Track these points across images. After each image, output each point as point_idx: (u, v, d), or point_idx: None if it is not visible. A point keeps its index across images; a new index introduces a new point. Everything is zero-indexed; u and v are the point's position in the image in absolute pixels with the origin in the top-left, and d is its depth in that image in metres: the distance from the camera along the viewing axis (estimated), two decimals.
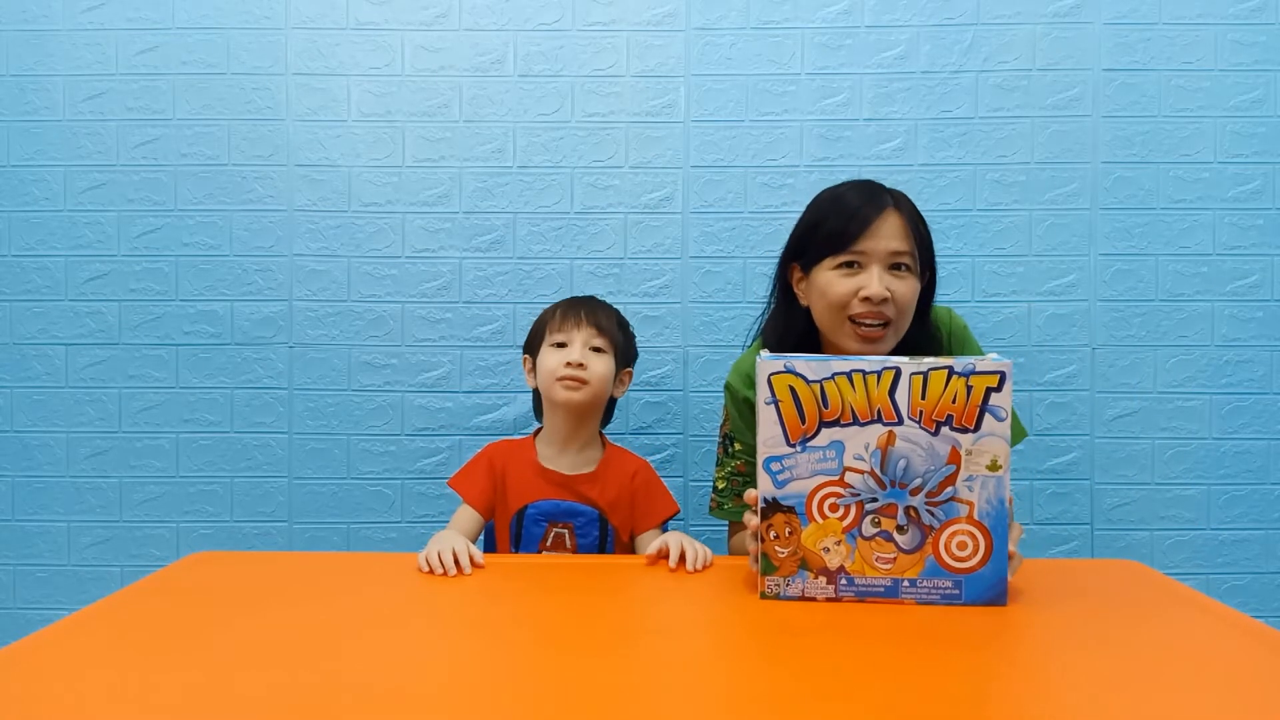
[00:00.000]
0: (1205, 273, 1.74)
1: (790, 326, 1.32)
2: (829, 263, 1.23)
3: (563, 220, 1.78)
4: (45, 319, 1.79)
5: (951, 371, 0.99)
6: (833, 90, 1.76)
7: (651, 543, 1.30)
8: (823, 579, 1.02)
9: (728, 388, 1.38)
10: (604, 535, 1.43)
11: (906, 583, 1.01)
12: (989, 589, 1.00)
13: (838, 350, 1.26)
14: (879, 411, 1.00)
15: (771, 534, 1.02)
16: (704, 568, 1.17)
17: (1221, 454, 1.75)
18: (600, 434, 1.51)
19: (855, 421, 1.00)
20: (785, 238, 1.58)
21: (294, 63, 1.77)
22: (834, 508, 1.01)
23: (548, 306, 1.51)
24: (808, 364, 1.01)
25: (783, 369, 1.01)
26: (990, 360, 0.99)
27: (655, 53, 1.76)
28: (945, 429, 0.99)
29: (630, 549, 1.47)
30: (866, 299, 1.20)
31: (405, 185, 1.78)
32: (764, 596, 1.03)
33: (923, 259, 1.25)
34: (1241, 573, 1.75)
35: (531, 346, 1.50)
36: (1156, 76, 1.73)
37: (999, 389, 0.98)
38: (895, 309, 1.21)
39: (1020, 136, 1.74)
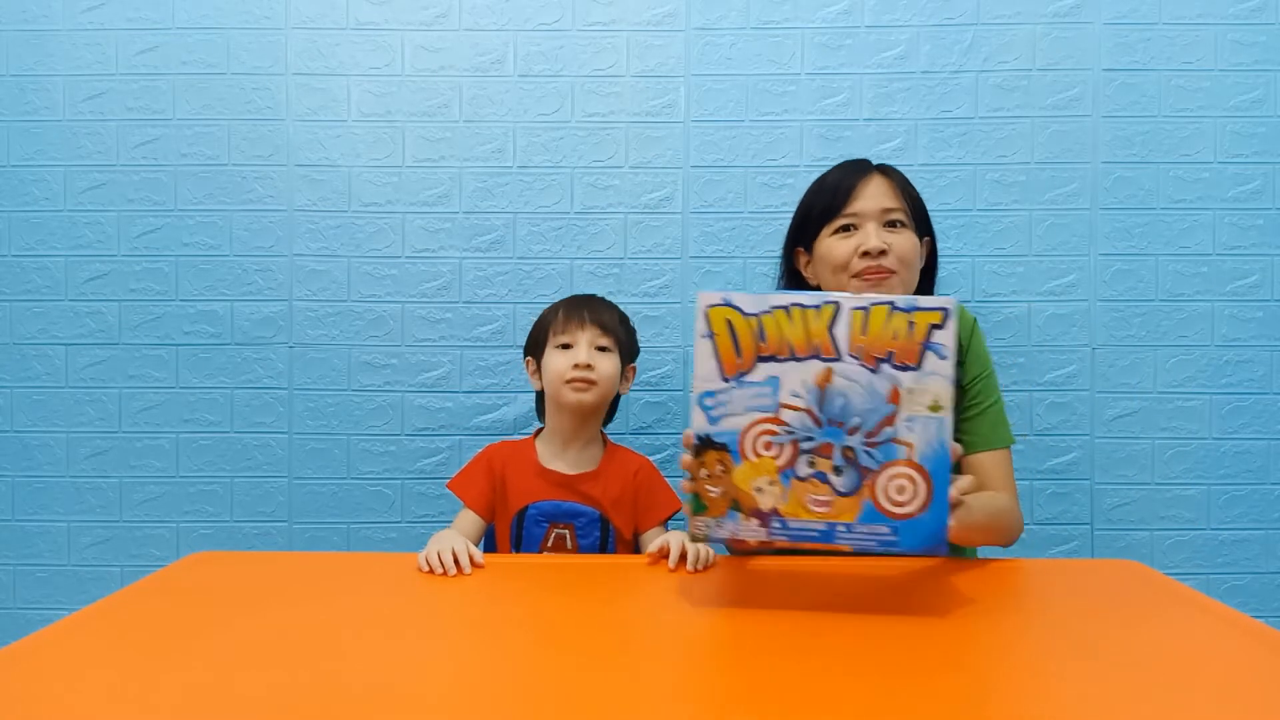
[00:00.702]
0: (1205, 273, 1.74)
1: None
2: (826, 231, 1.30)
3: (563, 220, 1.78)
4: (45, 319, 1.79)
5: (894, 307, 0.95)
6: (833, 90, 1.76)
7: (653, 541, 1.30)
8: (754, 520, 0.97)
9: None
10: (605, 536, 1.43)
11: (842, 527, 0.96)
12: (929, 537, 0.94)
13: None
14: (818, 347, 0.96)
15: (703, 472, 0.98)
16: (705, 568, 1.17)
17: (1221, 454, 1.75)
18: (601, 432, 1.51)
19: (793, 357, 0.96)
20: (785, 238, 1.57)
21: (294, 63, 1.77)
22: (768, 446, 0.96)
23: (548, 307, 1.51)
24: (746, 297, 0.98)
25: (720, 302, 0.97)
26: (934, 297, 0.96)
27: (655, 53, 1.76)
28: (886, 366, 0.95)
29: (632, 548, 1.47)
30: (866, 253, 1.25)
31: (405, 185, 1.78)
32: (694, 538, 1.00)
33: (919, 222, 1.31)
34: (1241, 573, 1.75)
35: (533, 348, 1.50)
36: (1156, 76, 1.73)
37: (942, 326, 0.94)
38: (896, 260, 1.26)
39: (1020, 136, 1.74)
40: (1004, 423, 1.35)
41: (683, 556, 1.18)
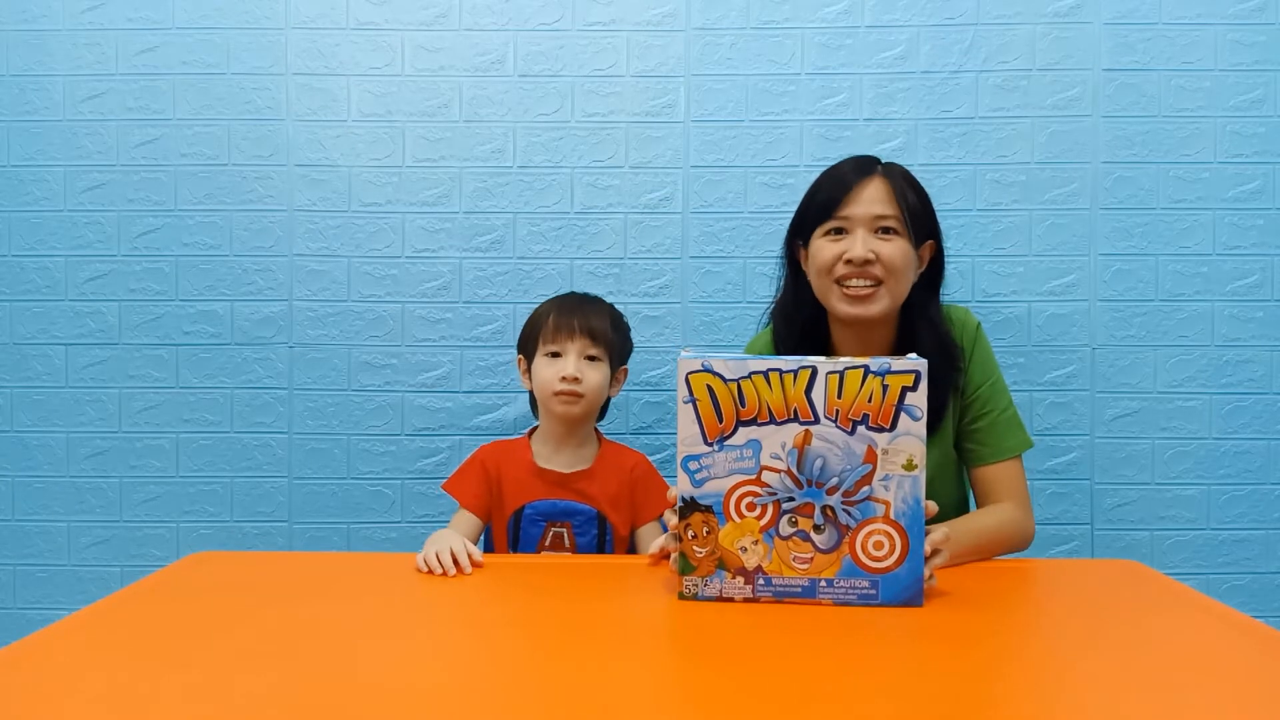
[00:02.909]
0: (1205, 273, 1.74)
1: (798, 301, 1.36)
2: (819, 231, 1.28)
3: (563, 220, 1.78)
4: (45, 319, 1.79)
5: (867, 370, 0.99)
6: (833, 90, 1.76)
7: (651, 538, 1.30)
8: (740, 579, 1.02)
9: None
10: (602, 534, 1.43)
11: (824, 582, 1.01)
12: (905, 589, 1.00)
13: (834, 316, 1.31)
14: (795, 410, 1.00)
15: (689, 533, 1.02)
16: None
17: (1221, 454, 1.75)
18: (595, 429, 1.51)
19: (772, 420, 1.00)
20: (785, 238, 1.60)
21: (294, 63, 1.77)
22: (751, 507, 1.01)
23: (541, 305, 1.50)
24: (725, 363, 1.01)
25: (700, 368, 1.01)
26: (906, 360, 0.99)
27: (655, 53, 1.76)
28: (861, 428, 0.99)
29: (628, 545, 1.47)
30: (849, 261, 1.24)
31: (405, 185, 1.78)
32: (682, 597, 1.03)
33: (918, 227, 1.28)
34: (1241, 573, 1.75)
35: (525, 347, 1.50)
36: (1156, 76, 1.73)
37: (914, 388, 0.99)
38: (884, 269, 1.24)
39: (1020, 136, 1.74)
40: (1016, 429, 1.33)
41: None
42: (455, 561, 1.15)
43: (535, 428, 1.51)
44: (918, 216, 1.28)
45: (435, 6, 1.77)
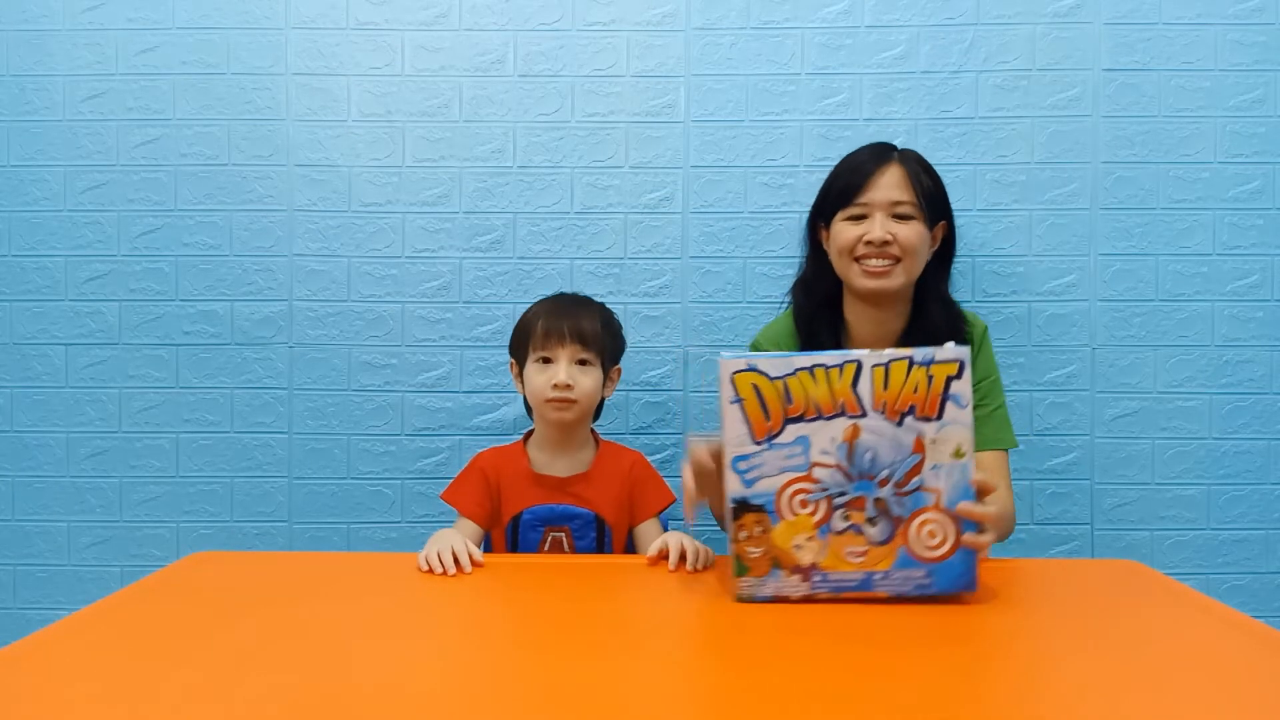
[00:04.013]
0: (1205, 273, 1.74)
1: (818, 277, 1.45)
2: (840, 215, 1.38)
3: (563, 220, 1.78)
4: (45, 319, 1.79)
5: (912, 362, 1.00)
6: (833, 90, 1.76)
7: (652, 538, 1.30)
8: (796, 577, 1.01)
9: (755, 346, 1.48)
10: (601, 537, 1.43)
11: (879, 575, 1.00)
12: (959, 577, 1.00)
13: (853, 292, 1.39)
14: (843, 405, 1.00)
15: (742, 534, 1.01)
16: (705, 567, 1.17)
17: (1221, 454, 1.75)
18: (592, 431, 1.51)
19: (820, 416, 1.00)
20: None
21: (294, 63, 1.77)
22: (804, 504, 1.01)
23: (531, 306, 1.49)
24: (770, 361, 1.01)
25: (745, 367, 1.01)
26: (949, 349, 1.00)
27: (655, 53, 1.76)
28: (909, 419, 0.99)
29: (625, 548, 1.47)
30: (869, 242, 1.34)
31: (405, 185, 1.78)
32: (739, 599, 1.02)
33: (932, 209, 1.37)
34: (1241, 573, 1.75)
35: (516, 351, 1.49)
36: (1156, 76, 1.73)
37: (958, 376, 0.99)
38: (901, 249, 1.33)
39: (1020, 136, 1.74)
40: (1007, 426, 1.40)
41: (683, 556, 1.18)
42: (456, 561, 1.15)
43: (531, 431, 1.50)
44: (931, 200, 1.37)
45: (435, 6, 1.77)
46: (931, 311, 1.39)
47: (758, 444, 1.01)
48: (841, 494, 1.00)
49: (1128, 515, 1.76)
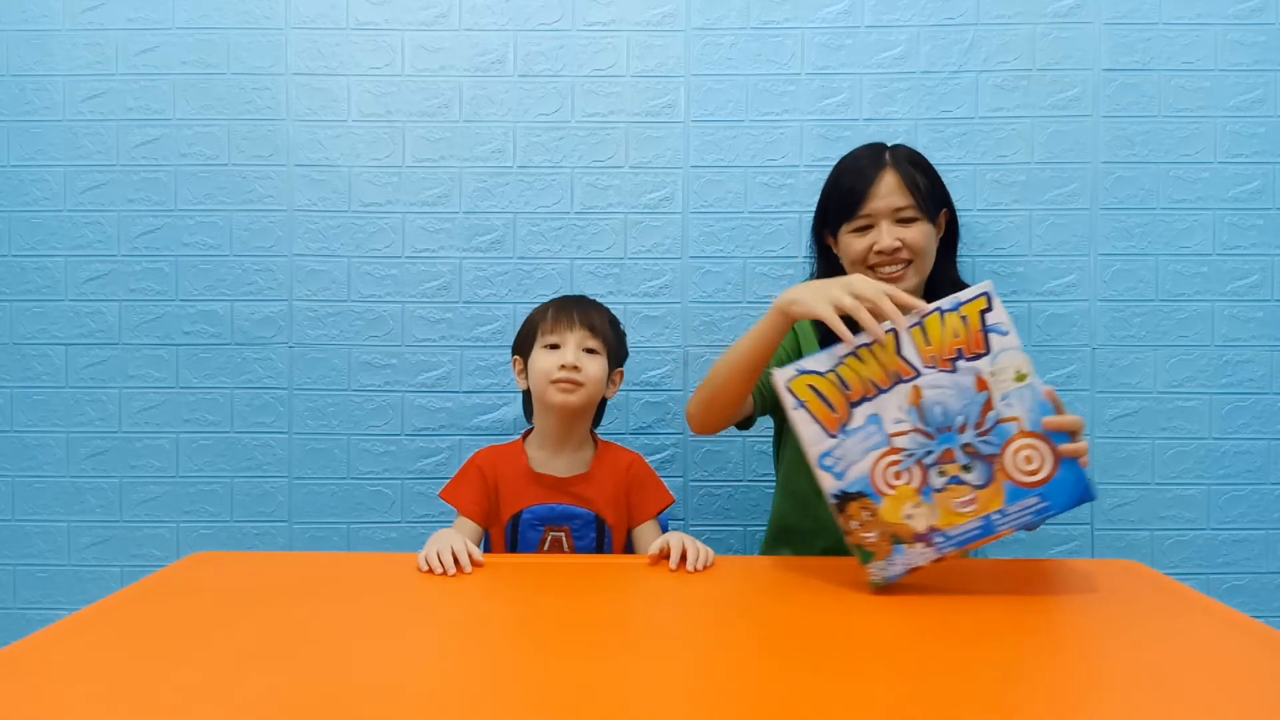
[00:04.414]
0: (1205, 273, 1.74)
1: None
2: (846, 228, 1.43)
3: (563, 220, 1.78)
4: (45, 319, 1.79)
5: (941, 311, 1.03)
6: (833, 90, 1.76)
7: (651, 539, 1.30)
8: (919, 545, 1.02)
9: None
10: (600, 537, 1.43)
11: (996, 515, 1.01)
12: (1073, 489, 1.01)
13: None
14: (896, 373, 1.03)
15: (852, 524, 1.03)
16: (705, 567, 1.17)
17: (1221, 454, 1.75)
18: (591, 433, 1.51)
19: (880, 391, 1.03)
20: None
21: (294, 63, 1.77)
22: (897, 475, 1.03)
23: (537, 306, 1.50)
24: (814, 359, 1.05)
25: (796, 373, 1.05)
26: (970, 288, 1.04)
27: (655, 53, 1.76)
28: (961, 363, 1.02)
29: (624, 547, 1.47)
30: (880, 251, 1.39)
31: (405, 185, 1.78)
32: (874, 585, 1.04)
33: (933, 204, 1.42)
34: (1241, 573, 1.75)
35: (521, 347, 1.49)
36: (1156, 76, 1.73)
37: (990, 309, 1.02)
38: (910, 251, 1.39)
39: (1020, 136, 1.74)
40: None
41: (683, 556, 1.18)
42: (456, 561, 1.15)
43: (529, 431, 1.50)
44: (930, 196, 1.42)
45: (435, 6, 1.77)
46: (942, 295, 1.42)
47: (833, 436, 1.04)
48: (928, 453, 1.02)
49: (1128, 515, 1.76)
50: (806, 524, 1.48)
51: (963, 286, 1.47)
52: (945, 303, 1.03)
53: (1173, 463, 1.75)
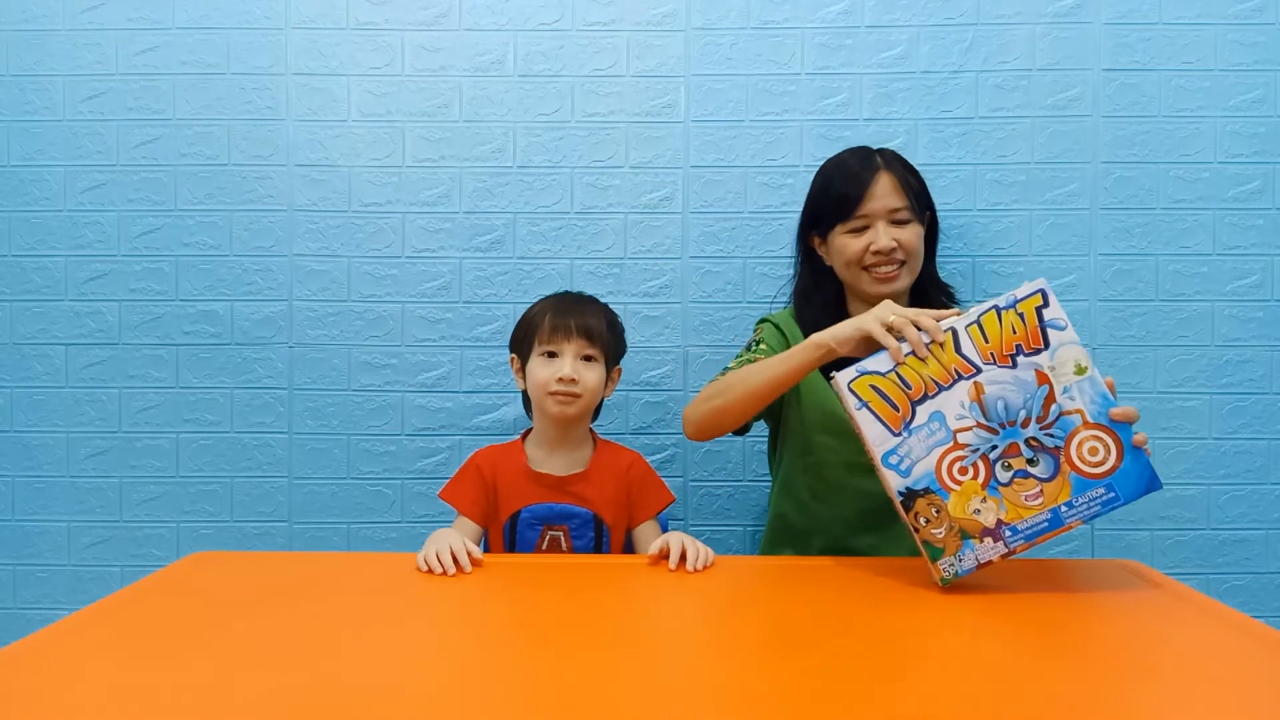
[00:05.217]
0: (1205, 273, 1.74)
1: (817, 285, 1.51)
2: (840, 229, 1.43)
3: (563, 220, 1.78)
4: (45, 319, 1.79)
5: (998, 309, 1.05)
6: (833, 90, 1.76)
7: (651, 539, 1.30)
8: (988, 539, 1.03)
9: (767, 320, 1.52)
10: (599, 536, 1.43)
11: (1064, 507, 1.03)
12: (1139, 478, 1.02)
13: (860, 296, 1.45)
14: (956, 370, 1.04)
15: (921, 521, 1.04)
16: (705, 567, 1.17)
17: (1221, 454, 1.75)
18: (591, 431, 1.51)
19: (941, 389, 1.04)
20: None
21: (294, 63, 1.77)
22: (963, 471, 1.04)
23: (535, 304, 1.50)
24: (875, 360, 1.07)
25: (857, 374, 1.06)
26: (1026, 285, 1.05)
27: (655, 53, 1.76)
28: (1021, 358, 1.03)
29: (623, 547, 1.47)
30: (877, 252, 1.40)
31: (405, 185, 1.78)
32: (944, 582, 1.05)
33: (921, 206, 1.45)
34: (1241, 573, 1.75)
35: (519, 346, 1.49)
36: (1156, 76, 1.73)
37: (1046, 304, 1.04)
38: (904, 252, 1.41)
39: (1020, 136, 1.74)
40: None
41: (683, 556, 1.18)
42: (455, 561, 1.15)
43: (529, 430, 1.50)
44: (919, 197, 1.45)
45: (435, 6, 1.77)
46: (930, 295, 1.49)
47: (897, 434, 1.05)
48: (993, 448, 1.03)
49: (1128, 515, 1.76)
50: (805, 524, 1.48)
51: (944, 286, 1.52)
52: (1001, 300, 1.05)
53: (1173, 463, 1.75)
